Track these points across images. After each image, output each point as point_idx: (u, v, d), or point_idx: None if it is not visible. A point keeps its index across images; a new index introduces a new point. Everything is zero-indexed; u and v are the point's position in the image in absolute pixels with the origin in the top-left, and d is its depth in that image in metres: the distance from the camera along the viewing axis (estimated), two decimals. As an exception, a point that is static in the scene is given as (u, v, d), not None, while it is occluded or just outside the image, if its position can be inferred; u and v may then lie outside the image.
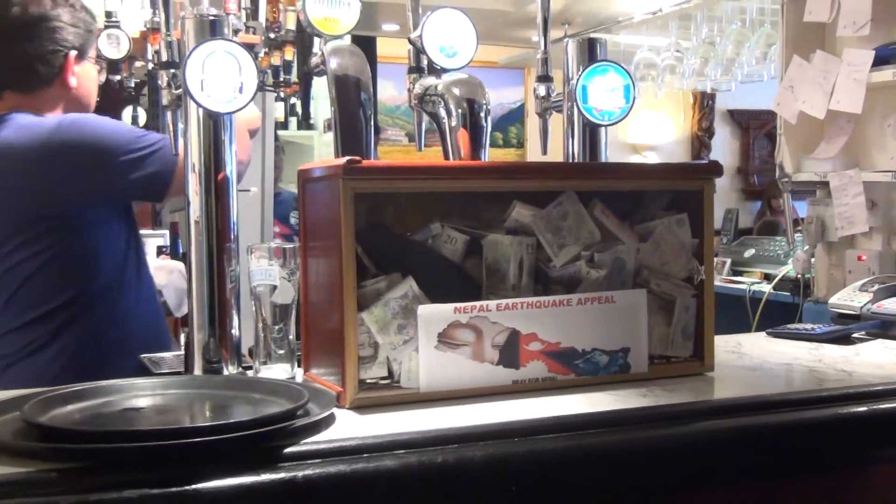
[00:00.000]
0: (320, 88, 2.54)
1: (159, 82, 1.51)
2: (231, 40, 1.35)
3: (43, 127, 1.82)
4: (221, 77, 1.31)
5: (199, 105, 1.32)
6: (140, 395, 1.21)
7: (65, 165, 1.77)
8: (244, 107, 1.34)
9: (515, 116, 7.44)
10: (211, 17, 1.39)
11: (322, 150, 5.18)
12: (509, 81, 7.13)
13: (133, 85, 2.71)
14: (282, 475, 1.00)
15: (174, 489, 0.95)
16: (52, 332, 1.78)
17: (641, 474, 1.20)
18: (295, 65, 2.34)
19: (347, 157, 1.20)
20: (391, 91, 6.35)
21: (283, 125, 4.52)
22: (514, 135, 7.50)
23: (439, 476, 1.08)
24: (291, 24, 2.67)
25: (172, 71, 1.51)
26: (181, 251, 2.83)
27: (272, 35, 2.47)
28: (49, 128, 1.81)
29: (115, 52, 2.43)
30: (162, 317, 2.01)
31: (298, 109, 4.07)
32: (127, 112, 3.63)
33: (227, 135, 1.39)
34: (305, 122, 4.69)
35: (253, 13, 2.38)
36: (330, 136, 5.20)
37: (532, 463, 1.12)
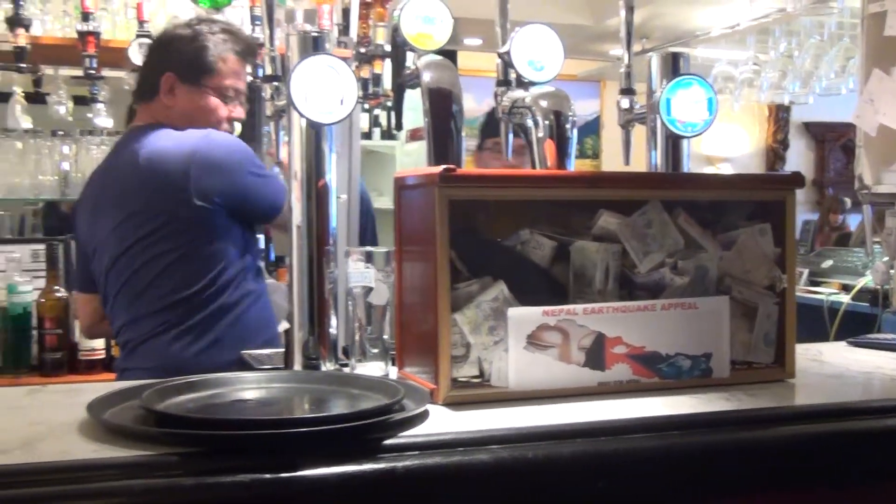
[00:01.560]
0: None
1: (263, 95, 1.60)
2: (333, 55, 1.42)
3: (193, 137, 2.01)
4: (324, 90, 1.39)
5: (303, 116, 1.40)
6: (246, 388, 1.29)
7: (208, 171, 1.96)
8: (345, 118, 1.42)
9: (591, 128, 7.46)
10: (314, 34, 1.47)
11: (404, 160, 5.26)
12: (585, 94, 7.16)
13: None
14: (382, 465, 1.06)
15: (283, 475, 1.01)
16: (179, 318, 1.98)
17: (724, 475, 1.23)
18: (387, 78, 2.42)
19: (443, 166, 1.27)
20: (470, 103, 6.41)
21: (367, 135, 4.62)
22: (590, 146, 7.52)
23: (530, 471, 1.12)
24: (381, 39, 2.76)
25: (276, 84, 1.59)
26: (273, 256, 2.92)
27: (362, 49, 2.55)
28: (198, 137, 2.01)
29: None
30: (273, 321, 2.12)
31: (382, 120, 4.16)
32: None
33: (327, 144, 1.47)
34: (391, 132, 4.78)
35: (345, 29, 2.47)
36: (411, 145, 5.29)
37: (618, 461, 1.17)
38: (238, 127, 3.81)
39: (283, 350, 1.78)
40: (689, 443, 1.21)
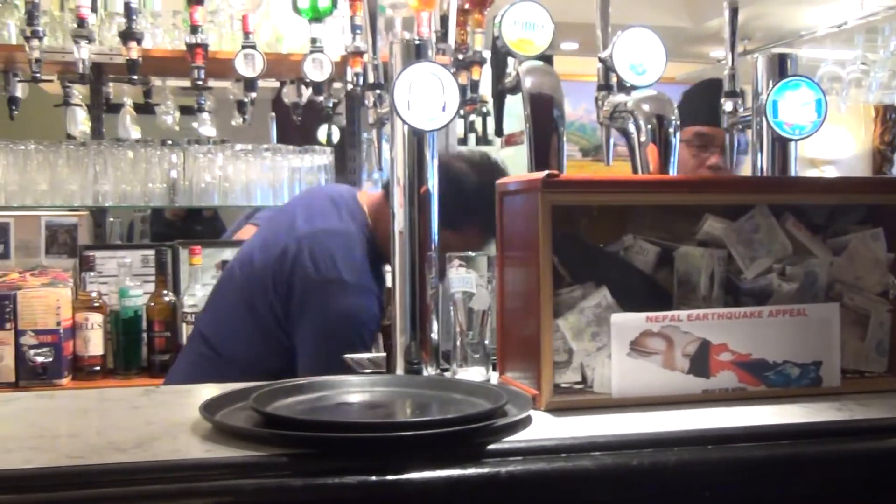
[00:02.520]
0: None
1: (366, 102, 1.62)
2: (436, 63, 1.44)
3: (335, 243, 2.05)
4: (426, 97, 1.40)
5: (405, 123, 1.42)
6: (351, 391, 1.31)
7: None
8: (447, 124, 1.43)
9: (689, 131, 7.33)
10: (416, 42, 1.49)
11: (498, 166, 5.28)
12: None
13: (331, 105, 2.87)
14: (486, 470, 1.06)
15: (389, 477, 1.02)
16: None
17: (835, 487, 1.20)
18: (484, 84, 2.43)
19: (546, 172, 1.26)
20: (566, 108, 6.39)
21: (463, 141, 4.65)
22: (688, 150, 7.38)
23: (634, 478, 1.11)
24: (479, 46, 2.77)
25: (378, 92, 1.62)
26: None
27: (460, 56, 2.57)
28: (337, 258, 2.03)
29: (319, 74, 2.59)
30: None
31: (477, 126, 4.17)
32: (322, 130, 3.84)
33: (429, 150, 1.48)
34: (487, 138, 4.79)
35: (443, 36, 2.49)
36: (507, 151, 5.29)
37: (725, 471, 1.15)
38: (336, 133, 3.89)
39: (384, 354, 1.81)
40: (799, 453, 1.18)
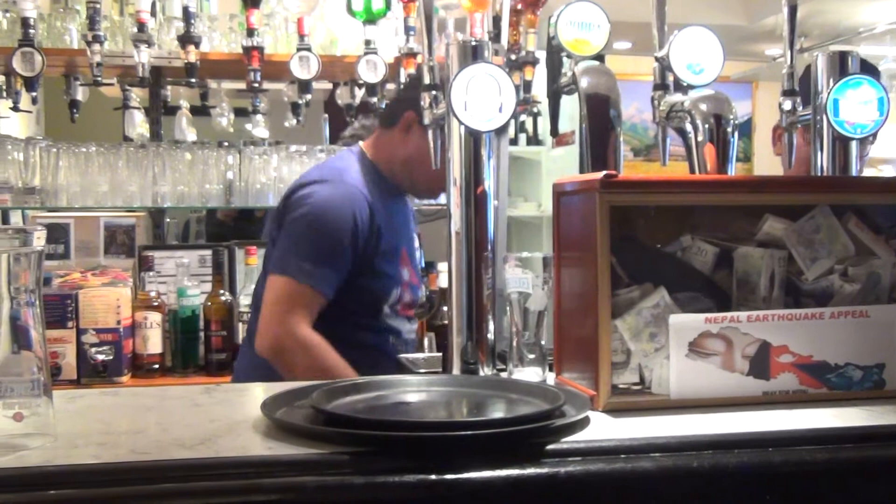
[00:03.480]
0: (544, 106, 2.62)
1: (423, 103, 1.63)
2: (492, 64, 1.44)
3: (332, 166, 2.25)
4: (483, 98, 1.41)
5: (462, 124, 1.42)
6: (409, 391, 1.32)
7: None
8: (504, 125, 1.43)
9: (743, 130, 7.25)
10: (473, 43, 1.49)
11: (550, 166, 5.27)
12: (737, 95, 6.96)
13: (384, 105, 2.89)
14: (545, 470, 1.06)
15: (449, 477, 1.03)
16: None
17: (900, 492, 1.18)
18: (537, 84, 2.43)
19: (605, 172, 1.26)
20: (617, 107, 6.36)
21: (513, 141, 4.65)
22: (741, 149, 7.30)
23: (694, 481, 1.11)
24: (531, 46, 2.77)
25: (434, 93, 1.63)
26: (423, 263, 2.97)
27: (513, 56, 2.57)
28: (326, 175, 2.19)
29: (373, 76, 2.62)
30: None
31: (528, 126, 4.17)
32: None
33: (486, 151, 1.48)
34: (538, 138, 4.80)
35: (496, 36, 2.49)
36: (557, 151, 5.27)
37: (788, 473, 1.13)
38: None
39: (438, 354, 1.82)
40: (863, 457, 1.16)
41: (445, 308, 2.67)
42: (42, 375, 1.10)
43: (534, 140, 5.37)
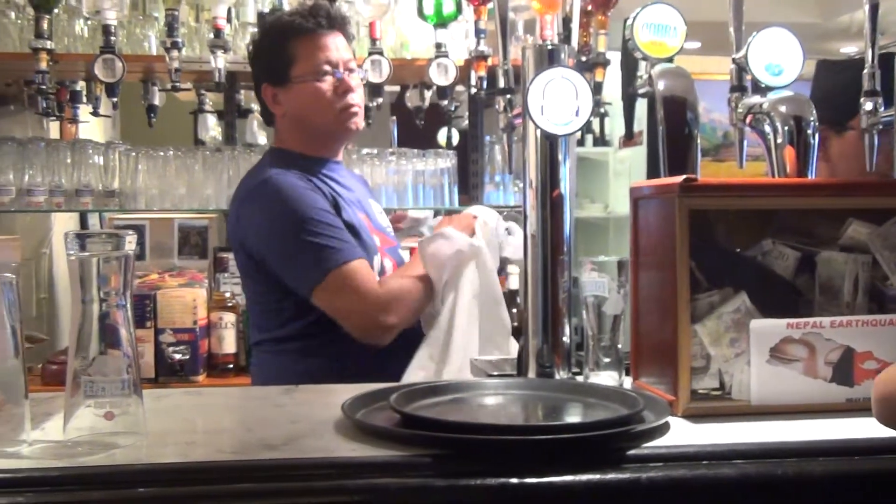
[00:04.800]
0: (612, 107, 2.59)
1: (497, 107, 1.64)
2: (569, 67, 1.44)
3: (254, 179, 2.04)
4: (560, 101, 1.41)
5: (538, 128, 1.42)
6: (487, 394, 1.33)
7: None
8: (580, 129, 1.43)
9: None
10: (549, 47, 1.49)
11: (616, 167, 5.22)
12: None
13: (453, 108, 2.90)
14: (627, 475, 1.06)
15: (531, 480, 1.03)
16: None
17: None
18: (609, 86, 2.41)
19: (684, 176, 1.25)
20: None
21: (580, 142, 4.63)
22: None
23: (778, 488, 1.09)
24: (602, 48, 2.76)
25: (509, 97, 1.63)
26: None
27: (583, 58, 2.56)
28: (256, 182, 2.02)
29: (444, 79, 2.62)
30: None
31: (595, 127, 4.14)
32: (442, 133, 3.88)
33: (562, 154, 1.48)
34: (604, 139, 4.76)
35: (566, 38, 2.48)
36: (624, 152, 5.23)
37: (875, 482, 1.11)
38: (455, 135, 3.90)
39: (511, 357, 1.82)
40: (952, 466, 1.14)
41: (514, 310, 2.68)
42: (132, 375, 1.13)
43: (600, 141, 5.33)
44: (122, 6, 2.28)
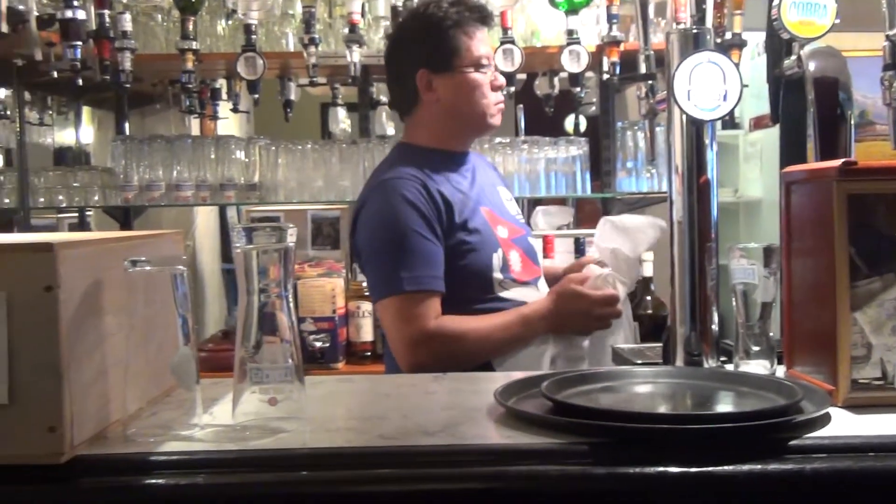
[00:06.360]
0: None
1: (638, 94, 1.62)
2: (716, 51, 1.42)
3: (376, 179, 2.07)
4: (707, 86, 1.39)
5: (685, 114, 1.41)
6: (636, 382, 1.32)
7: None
8: (727, 114, 1.41)
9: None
10: (695, 31, 1.47)
11: (747, 150, 5.08)
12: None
13: (584, 95, 2.89)
14: (789, 466, 1.04)
15: (692, 470, 1.02)
16: None
17: None
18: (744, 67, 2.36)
19: (843, 160, 1.22)
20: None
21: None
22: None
23: (949, 481, 1.06)
24: (738, 28, 2.70)
25: (650, 83, 1.61)
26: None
27: (718, 40, 2.51)
28: (375, 183, 2.05)
29: (576, 66, 2.62)
30: None
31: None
32: (569, 120, 3.85)
33: (708, 140, 1.46)
34: (734, 122, 4.63)
35: (700, 20, 2.43)
36: (755, 134, 5.08)
37: None
38: (583, 122, 3.87)
39: (649, 344, 1.80)
40: None
41: (648, 298, 2.65)
42: (294, 362, 1.17)
43: (729, 124, 5.20)
44: (265, 5, 2.35)
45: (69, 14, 2.46)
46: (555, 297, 1.95)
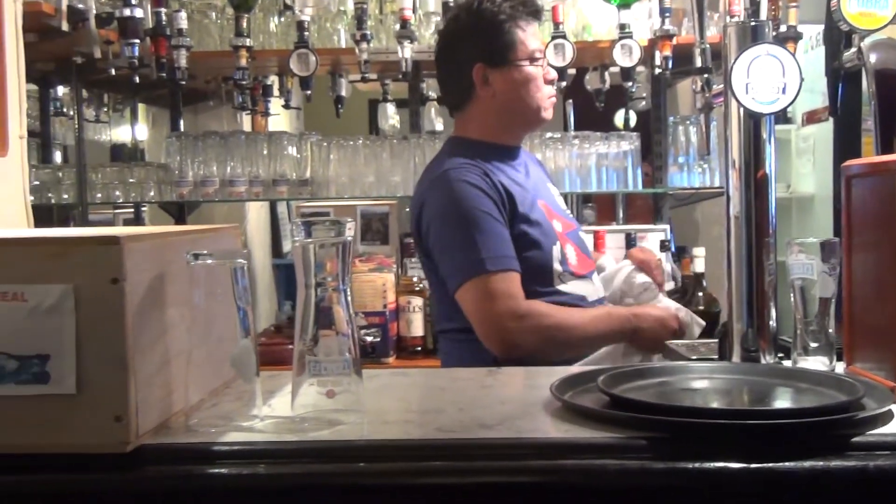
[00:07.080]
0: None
1: (693, 87, 1.61)
2: (774, 44, 1.40)
3: (433, 172, 2.07)
4: (765, 79, 1.37)
5: (743, 107, 1.39)
6: (693, 377, 1.31)
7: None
8: (787, 107, 1.39)
9: None
10: (753, 24, 1.45)
11: (799, 144, 5.02)
12: None
13: (635, 89, 2.87)
14: (853, 463, 1.03)
15: (752, 465, 1.01)
16: None
17: None
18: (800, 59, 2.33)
19: (906, 153, 1.20)
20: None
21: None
22: None
23: None
24: (792, 21, 2.66)
25: (706, 76, 1.60)
26: (674, 247, 2.92)
27: (773, 32, 2.48)
28: (435, 175, 2.05)
29: (628, 60, 2.60)
30: None
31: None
32: (619, 115, 3.83)
33: (766, 133, 1.45)
34: (786, 116, 4.58)
35: (754, 12, 2.41)
36: (808, 129, 5.01)
37: None
38: (633, 117, 3.85)
39: (711, 341, 1.79)
40: None
41: (700, 294, 2.63)
42: (352, 355, 1.18)
43: (782, 119, 5.14)
44: (320, 2, 2.37)
45: (127, 12, 2.51)
46: (643, 315, 2.00)
